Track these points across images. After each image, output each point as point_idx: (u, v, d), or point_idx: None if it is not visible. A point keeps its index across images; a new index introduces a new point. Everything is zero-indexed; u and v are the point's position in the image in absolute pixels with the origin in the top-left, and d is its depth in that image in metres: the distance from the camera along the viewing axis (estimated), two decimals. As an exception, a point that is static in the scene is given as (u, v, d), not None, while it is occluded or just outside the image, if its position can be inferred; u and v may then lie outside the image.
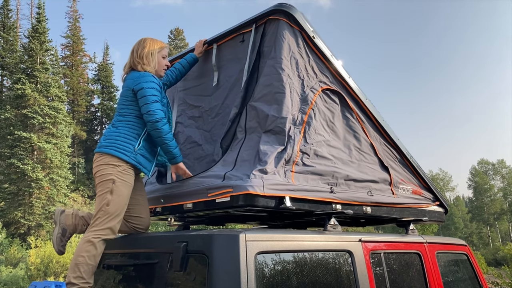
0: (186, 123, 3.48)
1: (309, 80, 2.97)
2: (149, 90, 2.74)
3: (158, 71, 2.97)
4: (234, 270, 1.96)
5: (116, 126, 2.80)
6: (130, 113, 2.80)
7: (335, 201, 2.77)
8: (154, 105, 2.71)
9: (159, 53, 2.98)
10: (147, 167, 2.81)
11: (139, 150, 2.75)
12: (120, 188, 2.64)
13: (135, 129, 2.78)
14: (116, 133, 2.77)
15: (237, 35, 3.23)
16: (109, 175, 2.65)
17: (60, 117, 32.22)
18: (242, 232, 2.07)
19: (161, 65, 2.99)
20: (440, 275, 3.15)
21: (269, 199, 2.43)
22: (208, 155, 3.15)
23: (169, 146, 2.75)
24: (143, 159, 2.78)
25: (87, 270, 2.50)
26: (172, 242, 2.23)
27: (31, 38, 33.89)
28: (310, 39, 3.03)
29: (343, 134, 3.12)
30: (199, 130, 3.35)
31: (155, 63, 2.94)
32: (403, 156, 3.61)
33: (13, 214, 28.35)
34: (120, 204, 2.64)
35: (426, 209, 3.67)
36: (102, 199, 2.63)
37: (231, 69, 3.22)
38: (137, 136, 2.77)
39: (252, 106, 2.83)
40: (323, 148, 2.90)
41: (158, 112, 2.70)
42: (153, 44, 2.98)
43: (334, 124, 3.05)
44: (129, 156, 2.70)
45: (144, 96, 2.72)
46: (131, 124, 2.78)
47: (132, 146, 2.73)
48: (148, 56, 2.92)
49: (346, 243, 2.57)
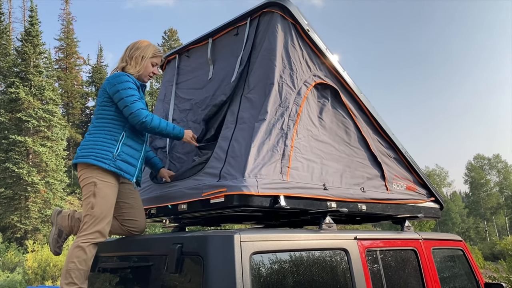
0: (178, 118, 3.44)
1: (303, 73, 2.97)
2: (125, 91, 2.64)
3: (142, 75, 2.87)
4: (229, 271, 1.96)
5: (92, 133, 2.71)
6: (106, 116, 2.71)
7: (329, 199, 2.76)
8: (135, 106, 2.62)
9: (151, 59, 2.88)
10: (129, 172, 2.70)
11: (118, 155, 2.65)
12: (102, 189, 2.59)
13: (112, 134, 2.68)
14: (92, 141, 2.68)
15: (232, 29, 3.24)
16: (90, 178, 2.60)
17: (55, 120, 32.10)
18: (237, 232, 2.07)
19: (147, 71, 2.89)
20: (436, 271, 3.15)
21: (263, 198, 2.42)
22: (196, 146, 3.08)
23: (169, 133, 2.73)
24: (124, 164, 2.67)
25: (78, 275, 2.48)
26: (167, 244, 2.23)
27: (24, 41, 33.72)
28: (304, 32, 3.03)
29: (334, 129, 3.11)
30: (189, 123, 3.31)
31: (142, 67, 2.84)
32: (398, 151, 3.61)
33: (10, 218, 28.22)
34: (105, 205, 2.60)
35: (421, 205, 3.67)
36: (87, 203, 2.59)
37: (224, 62, 3.21)
38: (115, 141, 2.67)
39: (246, 98, 2.81)
40: (312, 143, 2.90)
41: (140, 111, 2.61)
42: (148, 48, 2.89)
43: (322, 119, 3.05)
44: (109, 164, 2.61)
45: (121, 98, 2.63)
46: (108, 129, 2.69)
47: (110, 153, 2.63)
48: (137, 59, 2.84)
49: (341, 241, 2.57)
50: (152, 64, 2.91)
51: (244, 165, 2.49)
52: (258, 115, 2.70)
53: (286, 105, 2.77)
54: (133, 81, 2.75)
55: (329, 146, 3.03)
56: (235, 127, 2.72)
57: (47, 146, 30.92)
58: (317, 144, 2.94)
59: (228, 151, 2.63)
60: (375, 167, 3.32)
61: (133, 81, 2.74)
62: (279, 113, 2.73)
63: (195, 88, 3.40)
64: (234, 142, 2.65)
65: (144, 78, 2.90)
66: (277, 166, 2.59)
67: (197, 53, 3.50)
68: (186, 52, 3.65)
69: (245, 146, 2.58)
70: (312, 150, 2.88)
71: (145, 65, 2.86)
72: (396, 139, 3.59)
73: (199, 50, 3.49)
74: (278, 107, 2.75)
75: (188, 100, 3.43)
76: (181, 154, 3.21)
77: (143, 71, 2.87)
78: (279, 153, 2.62)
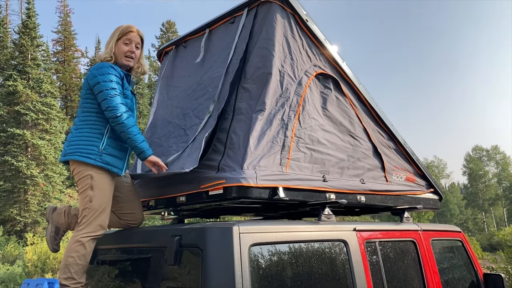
0: (166, 105, 3.41)
1: (303, 63, 2.95)
2: (106, 84, 2.56)
3: (118, 59, 2.77)
4: (228, 262, 1.95)
5: (78, 128, 2.65)
6: (89, 109, 2.65)
7: (328, 190, 2.75)
8: (113, 100, 2.54)
9: (122, 39, 2.79)
10: (117, 166, 2.64)
11: (104, 149, 2.59)
12: (99, 182, 2.56)
13: (97, 127, 2.62)
14: (78, 136, 2.63)
15: (229, 19, 3.22)
16: (85, 171, 2.56)
17: (53, 113, 31.97)
18: (236, 224, 2.06)
19: (121, 51, 2.77)
20: (435, 262, 3.16)
21: (262, 190, 2.41)
22: (178, 129, 3.03)
23: (134, 141, 2.55)
24: (111, 158, 2.61)
25: (77, 270, 2.46)
26: (166, 236, 2.22)
27: (22, 34, 33.48)
28: (303, 23, 3.01)
29: (337, 119, 3.10)
30: (173, 108, 3.27)
31: (113, 50, 2.75)
32: (397, 142, 3.60)
33: (9, 211, 28.22)
34: (104, 197, 2.57)
35: (420, 196, 3.67)
36: (85, 196, 2.55)
37: (215, 49, 3.19)
38: (100, 135, 2.61)
39: (243, 88, 2.79)
40: (318, 133, 2.88)
41: (118, 106, 2.53)
42: (116, 31, 2.81)
43: (327, 109, 3.03)
44: (94, 159, 2.55)
45: (101, 91, 2.55)
46: (92, 122, 2.63)
47: (96, 148, 2.57)
48: (108, 44, 2.78)
49: (340, 232, 2.56)
50: (125, 43, 2.81)
51: (242, 157, 2.47)
52: (256, 106, 2.68)
53: (287, 96, 2.75)
54: (117, 73, 2.66)
55: (335, 136, 3.02)
56: (232, 118, 2.70)
57: (46, 139, 30.82)
58: (324, 134, 2.93)
59: (227, 143, 2.61)
60: (376, 158, 3.32)
61: (117, 73, 2.66)
62: (279, 103, 2.71)
63: (185, 75, 3.39)
64: (232, 134, 2.63)
65: (123, 60, 2.78)
66: (277, 157, 2.57)
67: (193, 43, 3.48)
68: (184, 43, 3.62)
69: (243, 138, 2.57)
70: (319, 140, 2.87)
71: (116, 47, 2.78)
72: (395, 130, 3.58)
73: (196, 40, 3.47)
74: (279, 97, 2.72)
75: (177, 87, 3.40)
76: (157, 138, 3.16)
77: (118, 54, 2.78)
78: (279, 145, 2.61)
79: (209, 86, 2.96)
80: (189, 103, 3.08)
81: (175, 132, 3.00)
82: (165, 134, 3.10)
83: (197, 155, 2.50)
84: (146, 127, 3.46)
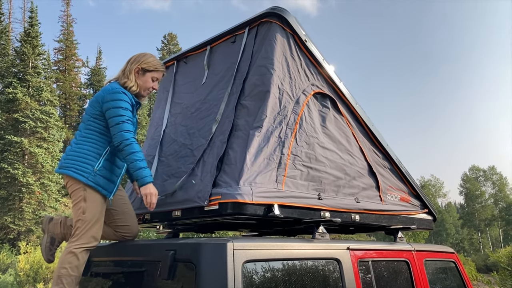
0: (168, 121, 3.43)
1: (301, 82, 3.00)
2: (118, 110, 2.59)
3: (141, 90, 2.81)
4: (221, 278, 1.96)
5: (78, 143, 2.67)
6: (94, 128, 2.67)
7: (323, 208, 2.78)
8: (124, 127, 2.57)
9: (151, 74, 2.82)
10: (107, 189, 2.65)
11: (99, 170, 2.61)
12: (92, 194, 2.58)
13: (96, 147, 2.65)
14: (76, 151, 2.65)
15: (230, 37, 3.27)
16: (79, 183, 2.59)
17: (52, 122, 31.96)
18: (230, 240, 2.08)
19: (146, 86, 2.82)
20: (428, 283, 3.16)
21: (257, 206, 2.43)
22: (184, 148, 3.05)
23: (139, 166, 2.55)
24: (103, 180, 2.62)
25: (70, 281, 2.47)
26: (160, 250, 2.23)
27: (23, 42, 33.65)
28: (302, 43, 3.07)
29: (335, 137, 3.15)
30: (177, 126, 3.30)
31: (141, 82, 2.79)
32: (392, 162, 3.64)
33: (3, 219, 28.00)
34: (96, 209, 2.59)
35: (414, 216, 3.69)
36: (78, 208, 2.57)
37: (218, 68, 3.24)
38: (98, 155, 2.63)
39: (241, 104, 2.83)
40: (316, 151, 2.92)
41: (128, 133, 2.56)
42: (149, 63, 2.81)
43: (325, 126, 3.08)
44: (87, 178, 2.57)
45: (113, 117, 2.58)
46: (93, 141, 2.66)
47: (91, 167, 2.59)
48: (138, 73, 2.78)
49: (334, 251, 2.57)
50: (152, 79, 2.84)
51: (239, 173, 2.50)
52: (254, 123, 2.72)
53: (284, 114, 2.79)
54: (129, 100, 2.68)
55: (334, 153, 3.06)
56: (230, 134, 2.74)
57: (43, 147, 30.77)
58: (322, 151, 2.96)
59: (224, 158, 2.65)
60: (371, 177, 3.35)
61: (129, 100, 2.68)
62: (277, 121, 2.75)
63: (188, 92, 3.42)
64: (229, 150, 2.66)
65: (143, 92, 2.83)
66: (273, 174, 2.60)
67: (194, 59, 3.53)
68: (184, 58, 3.68)
69: (240, 154, 2.60)
70: (317, 158, 2.90)
71: (142, 77, 2.80)
72: (391, 150, 3.62)
73: (197, 57, 3.52)
74: (277, 115, 2.77)
75: (179, 103, 3.44)
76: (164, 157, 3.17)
77: (142, 86, 2.81)
78: (275, 162, 2.64)
79: (214, 107, 3.00)
80: (194, 123, 3.11)
81: (181, 152, 3.03)
82: (172, 153, 3.13)
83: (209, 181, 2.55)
84: (146, 138, 3.49)
